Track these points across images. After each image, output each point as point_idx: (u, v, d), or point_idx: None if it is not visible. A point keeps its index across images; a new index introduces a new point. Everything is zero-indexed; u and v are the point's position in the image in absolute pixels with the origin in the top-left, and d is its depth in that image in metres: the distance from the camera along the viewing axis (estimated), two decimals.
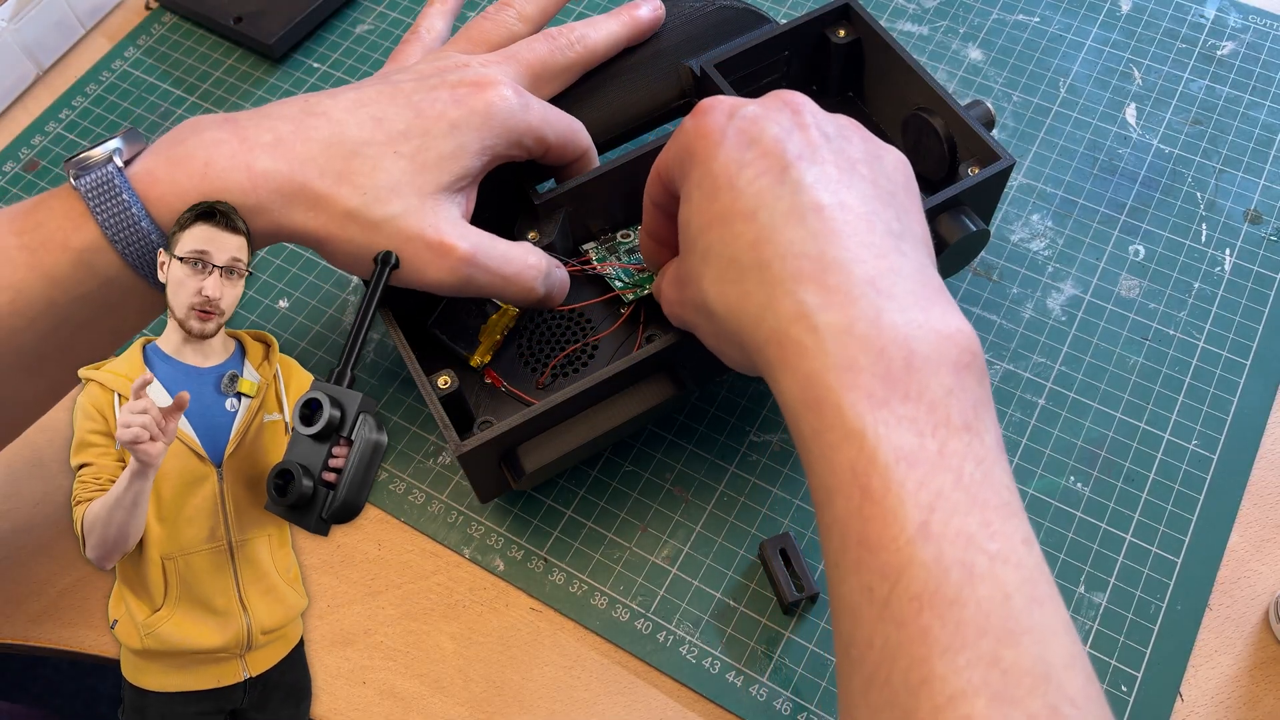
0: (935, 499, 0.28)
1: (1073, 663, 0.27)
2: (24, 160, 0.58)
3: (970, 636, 0.26)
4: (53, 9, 0.61)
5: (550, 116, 0.43)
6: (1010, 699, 0.26)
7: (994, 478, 0.29)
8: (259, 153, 0.37)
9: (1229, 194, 0.52)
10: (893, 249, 0.32)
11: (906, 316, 0.30)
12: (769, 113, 0.36)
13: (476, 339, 0.45)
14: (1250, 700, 0.40)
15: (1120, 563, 0.43)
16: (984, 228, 0.42)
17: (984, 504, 0.28)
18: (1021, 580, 0.27)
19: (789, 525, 0.44)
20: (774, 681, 0.41)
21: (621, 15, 0.47)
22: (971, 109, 0.45)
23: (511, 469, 0.40)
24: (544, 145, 0.43)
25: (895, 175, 0.36)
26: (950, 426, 0.29)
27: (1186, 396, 0.46)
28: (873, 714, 0.28)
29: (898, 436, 0.29)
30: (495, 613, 0.44)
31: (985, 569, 0.27)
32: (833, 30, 0.48)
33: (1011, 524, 0.28)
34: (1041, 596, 0.27)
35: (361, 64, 0.60)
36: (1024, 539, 0.28)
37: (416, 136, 0.39)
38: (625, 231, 0.47)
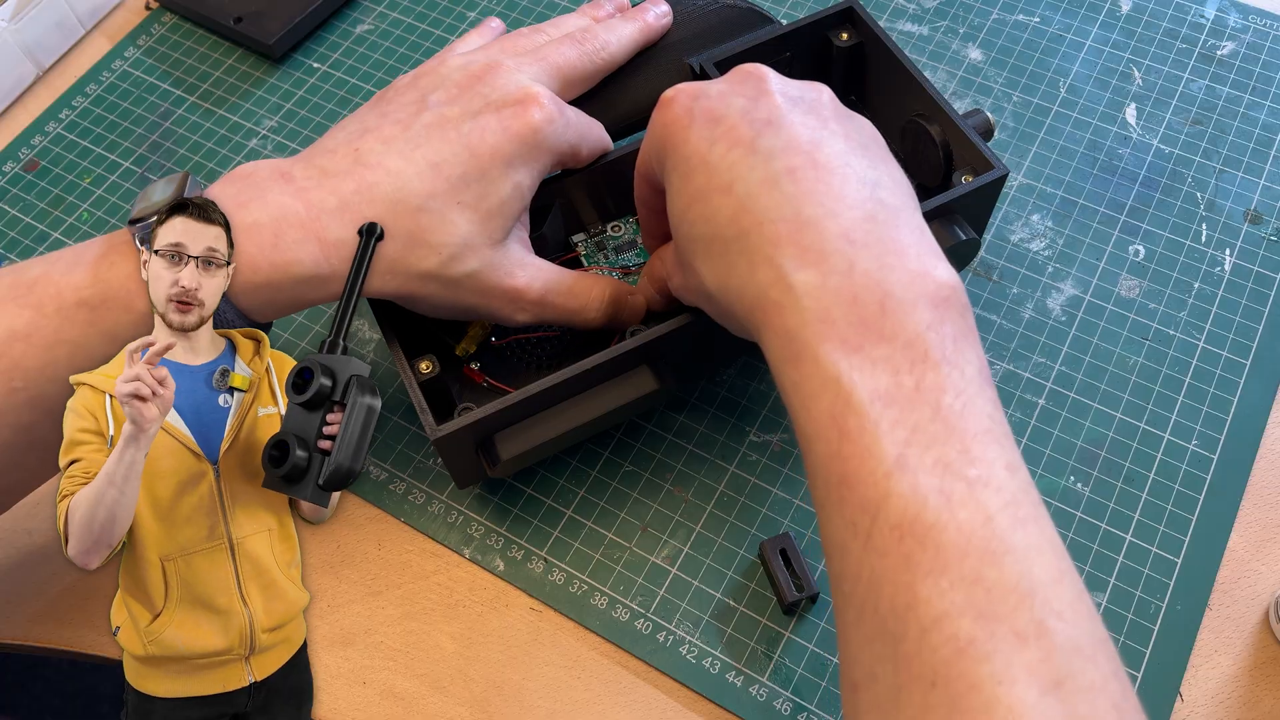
0: (911, 433, 0.28)
1: (1060, 578, 0.27)
2: (24, 160, 0.58)
3: (952, 559, 0.27)
4: (53, 9, 0.61)
5: (584, 128, 0.43)
6: (995, 616, 0.26)
7: (974, 407, 0.29)
8: (327, 220, 0.37)
9: (1229, 194, 0.52)
10: (868, 198, 0.33)
11: (881, 262, 0.31)
12: (733, 87, 0.36)
13: (462, 329, 0.45)
14: (1250, 700, 0.40)
15: (1120, 563, 0.43)
16: (974, 237, 0.42)
17: (963, 433, 0.28)
18: (1004, 503, 0.28)
19: (789, 525, 0.44)
20: (774, 681, 0.41)
21: (637, 20, 0.48)
22: (969, 118, 0.45)
23: (487, 456, 0.40)
24: (577, 158, 0.44)
25: (865, 128, 0.36)
26: (928, 361, 0.29)
27: (1186, 396, 0.46)
28: (865, 644, 0.28)
29: (873, 378, 0.29)
30: (495, 613, 0.44)
31: (964, 494, 0.27)
32: (835, 33, 0.48)
33: (993, 450, 0.29)
34: (1025, 517, 0.28)
35: (361, 64, 0.60)
36: (1007, 464, 0.29)
37: (475, 182, 0.39)
38: (616, 224, 0.49)
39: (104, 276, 0.36)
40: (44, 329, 0.36)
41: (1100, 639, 0.27)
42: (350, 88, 0.60)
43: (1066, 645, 0.26)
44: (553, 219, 0.45)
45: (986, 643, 0.26)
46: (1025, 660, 0.25)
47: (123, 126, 0.59)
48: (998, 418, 0.30)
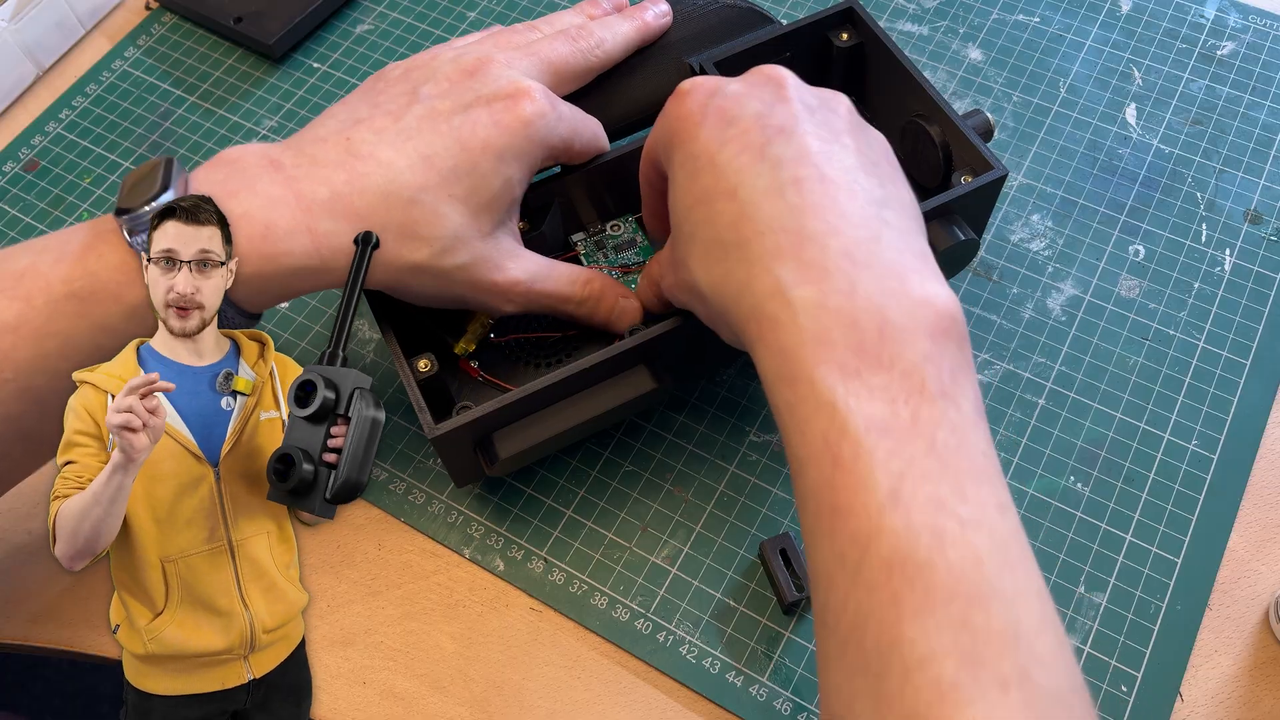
0: (906, 466, 0.28)
1: (1044, 626, 0.27)
2: (24, 160, 0.58)
3: (940, 600, 0.26)
4: (53, 9, 0.61)
5: (577, 123, 0.43)
6: (980, 660, 0.26)
7: (969, 444, 0.29)
8: (318, 212, 0.37)
9: (1229, 194, 0.52)
10: (874, 217, 0.32)
11: (883, 285, 0.30)
12: (751, 89, 0.36)
13: (462, 327, 0.45)
14: (1250, 700, 0.40)
15: (1120, 563, 0.43)
16: (973, 237, 0.42)
17: (957, 470, 0.28)
18: (994, 545, 0.27)
19: (789, 525, 0.44)
20: (774, 681, 0.41)
21: (635, 19, 0.47)
22: (969, 118, 0.45)
23: (486, 454, 0.40)
24: (571, 153, 0.43)
25: (878, 144, 0.36)
26: (924, 394, 0.29)
27: (1186, 396, 0.46)
28: (847, 678, 0.28)
29: (869, 406, 0.29)
30: (495, 613, 0.44)
31: (956, 534, 0.27)
32: (835, 33, 0.48)
33: (985, 490, 0.28)
34: (1014, 561, 0.28)
35: (361, 64, 0.60)
36: (998, 505, 0.28)
37: (466, 174, 0.39)
38: (615, 223, 0.48)
39: (92, 269, 0.36)
40: (33, 321, 0.35)
41: (1079, 687, 0.27)
42: (350, 88, 0.59)
43: (1048, 694, 0.26)
44: (552, 218, 0.45)
45: (970, 688, 0.25)
46: (1007, 708, 0.25)
47: (123, 126, 0.59)
48: (990, 455, 0.29)
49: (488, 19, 0.62)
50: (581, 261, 0.48)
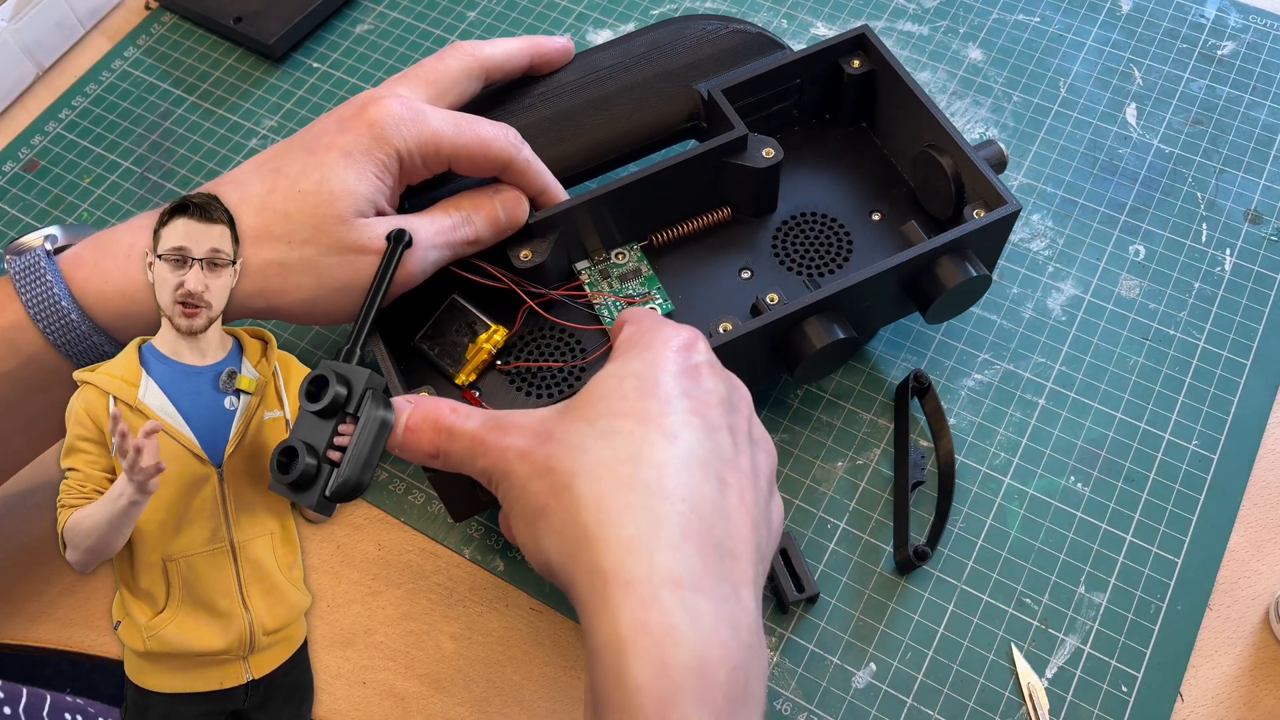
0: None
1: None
2: (24, 160, 0.58)
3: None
4: (53, 9, 0.61)
5: (448, 125, 0.41)
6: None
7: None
8: None
9: (1229, 194, 0.52)
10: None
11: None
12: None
13: (463, 357, 0.44)
14: (1250, 700, 0.40)
15: (1120, 563, 0.43)
16: (985, 273, 0.42)
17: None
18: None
19: (789, 525, 0.44)
20: (773, 681, 0.41)
21: (526, 39, 0.47)
22: (982, 149, 0.45)
23: (484, 488, 0.40)
24: (437, 153, 0.41)
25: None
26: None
27: (1186, 396, 0.47)
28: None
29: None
30: (495, 613, 0.44)
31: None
32: (847, 60, 0.47)
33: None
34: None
35: (361, 64, 0.60)
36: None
37: (314, 171, 0.39)
38: (620, 251, 0.47)
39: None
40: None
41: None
42: (350, 88, 0.60)
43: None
44: (554, 247, 0.44)
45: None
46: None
47: (123, 126, 0.59)
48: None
49: (488, 19, 0.62)
50: (585, 290, 0.46)
